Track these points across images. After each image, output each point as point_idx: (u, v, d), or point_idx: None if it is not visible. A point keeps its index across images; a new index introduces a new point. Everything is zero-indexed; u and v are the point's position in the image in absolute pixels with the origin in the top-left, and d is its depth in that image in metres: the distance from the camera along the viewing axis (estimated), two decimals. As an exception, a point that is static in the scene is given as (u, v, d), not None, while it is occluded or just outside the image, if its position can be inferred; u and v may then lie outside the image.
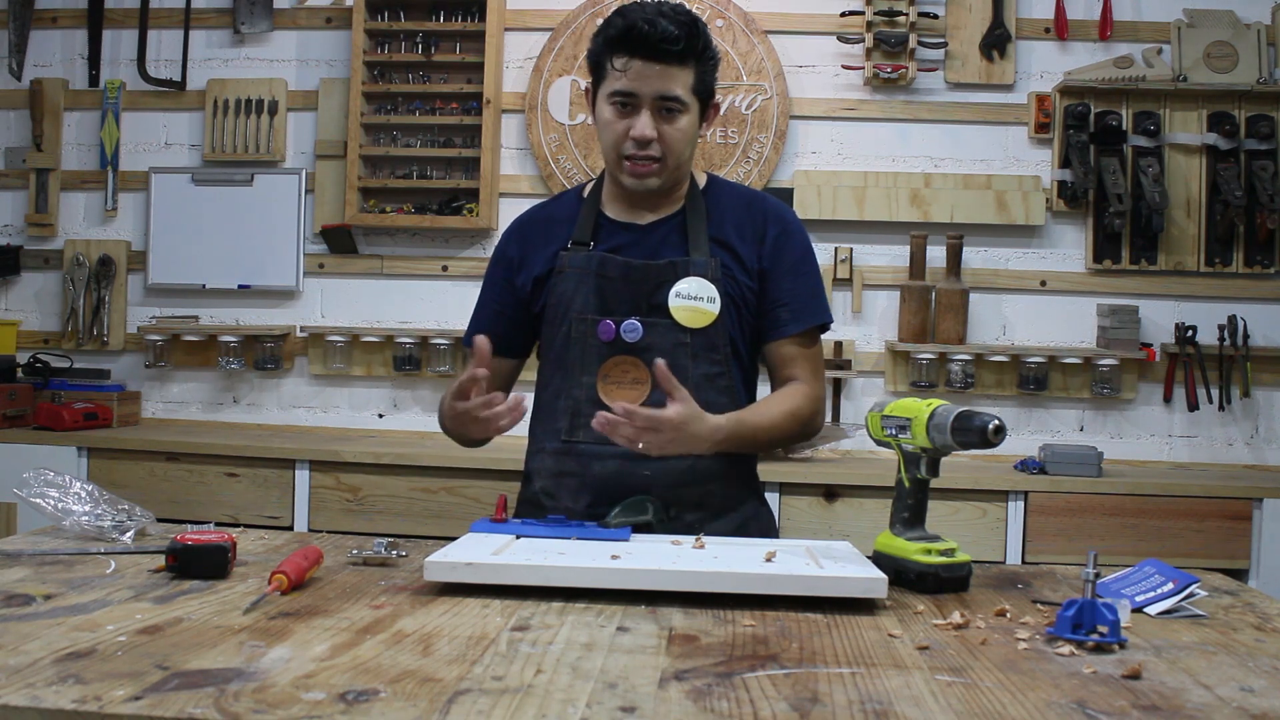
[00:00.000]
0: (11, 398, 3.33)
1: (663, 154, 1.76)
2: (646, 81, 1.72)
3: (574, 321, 1.80)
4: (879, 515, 2.57)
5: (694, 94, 1.75)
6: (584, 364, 1.80)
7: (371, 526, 3.01)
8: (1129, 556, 2.57)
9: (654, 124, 1.73)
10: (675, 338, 1.77)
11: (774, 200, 1.94)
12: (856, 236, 3.46)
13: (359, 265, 3.60)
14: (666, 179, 1.80)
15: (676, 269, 1.78)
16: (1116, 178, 3.30)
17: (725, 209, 1.86)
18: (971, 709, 0.96)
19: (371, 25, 3.49)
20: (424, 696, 0.95)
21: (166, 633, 1.12)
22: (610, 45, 1.73)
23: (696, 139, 1.82)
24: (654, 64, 1.71)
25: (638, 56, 1.71)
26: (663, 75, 1.71)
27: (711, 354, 1.80)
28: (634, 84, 1.72)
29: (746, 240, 1.84)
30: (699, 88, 1.76)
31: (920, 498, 1.51)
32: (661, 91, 1.72)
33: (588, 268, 1.81)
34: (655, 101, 1.73)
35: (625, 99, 1.74)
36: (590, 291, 1.80)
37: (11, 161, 3.71)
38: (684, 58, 1.72)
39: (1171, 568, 1.42)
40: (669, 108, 1.74)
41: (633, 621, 1.23)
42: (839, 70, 3.46)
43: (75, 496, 1.61)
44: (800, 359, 1.86)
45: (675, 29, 1.69)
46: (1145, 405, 3.42)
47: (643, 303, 1.79)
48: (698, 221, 1.83)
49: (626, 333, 1.78)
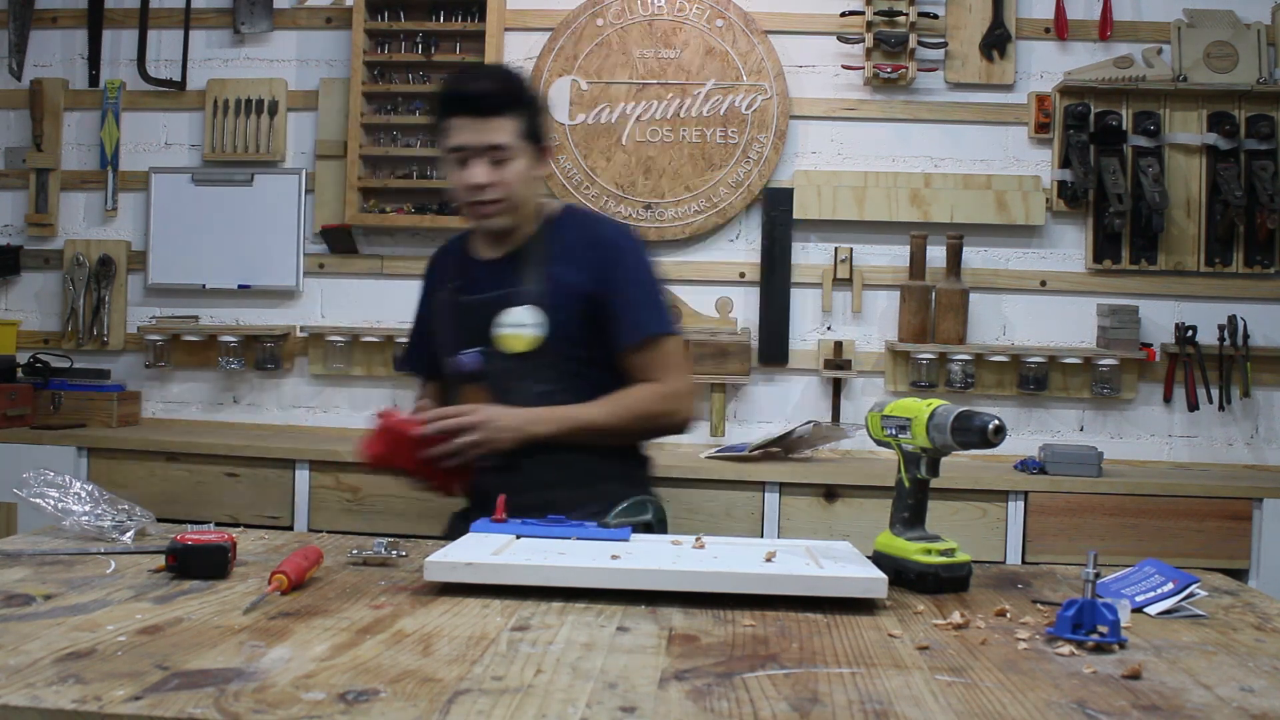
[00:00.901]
0: (11, 398, 3.33)
1: (499, 196, 1.97)
2: (472, 134, 1.94)
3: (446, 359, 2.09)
4: (879, 515, 2.56)
5: (524, 139, 1.97)
6: (456, 394, 2.08)
7: (371, 526, 3.01)
8: (1129, 556, 2.57)
9: (486, 172, 1.95)
10: (505, 363, 2.00)
11: (613, 226, 2.18)
12: (856, 236, 3.46)
13: (359, 265, 3.60)
14: (507, 218, 2.01)
15: (503, 300, 2.01)
16: (1116, 178, 3.30)
17: (567, 240, 2.05)
18: (971, 709, 0.96)
19: (371, 25, 3.49)
20: (424, 696, 0.95)
21: (166, 633, 1.12)
22: (442, 107, 1.98)
23: (534, 178, 2.04)
24: (476, 119, 1.94)
25: (462, 114, 1.94)
26: (485, 128, 1.94)
27: (545, 373, 2.00)
28: (462, 138, 1.95)
29: (581, 267, 2.02)
30: (528, 133, 1.98)
31: (920, 498, 1.51)
32: (485, 142, 1.94)
33: (445, 307, 2.11)
34: (484, 151, 1.95)
35: (459, 152, 1.96)
36: (446, 329, 2.11)
37: (11, 161, 3.70)
38: (502, 109, 1.94)
39: (1171, 568, 1.42)
40: (496, 157, 1.95)
41: (633, 621, 1.24)
42: (839, 70, 3.46)
43: (75, 496, 1.61)
44: (649, 365, 2.03)
45: (490, 84, 1.97)
46: (1145, 405, 3.42)
47: (480, 335, 2.02)
48: (535, 254, 2.03)
49: (466, 363, 2.03)
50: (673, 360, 2.06)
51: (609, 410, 1.99)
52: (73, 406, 3.43)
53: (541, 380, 2.00)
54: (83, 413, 3.42)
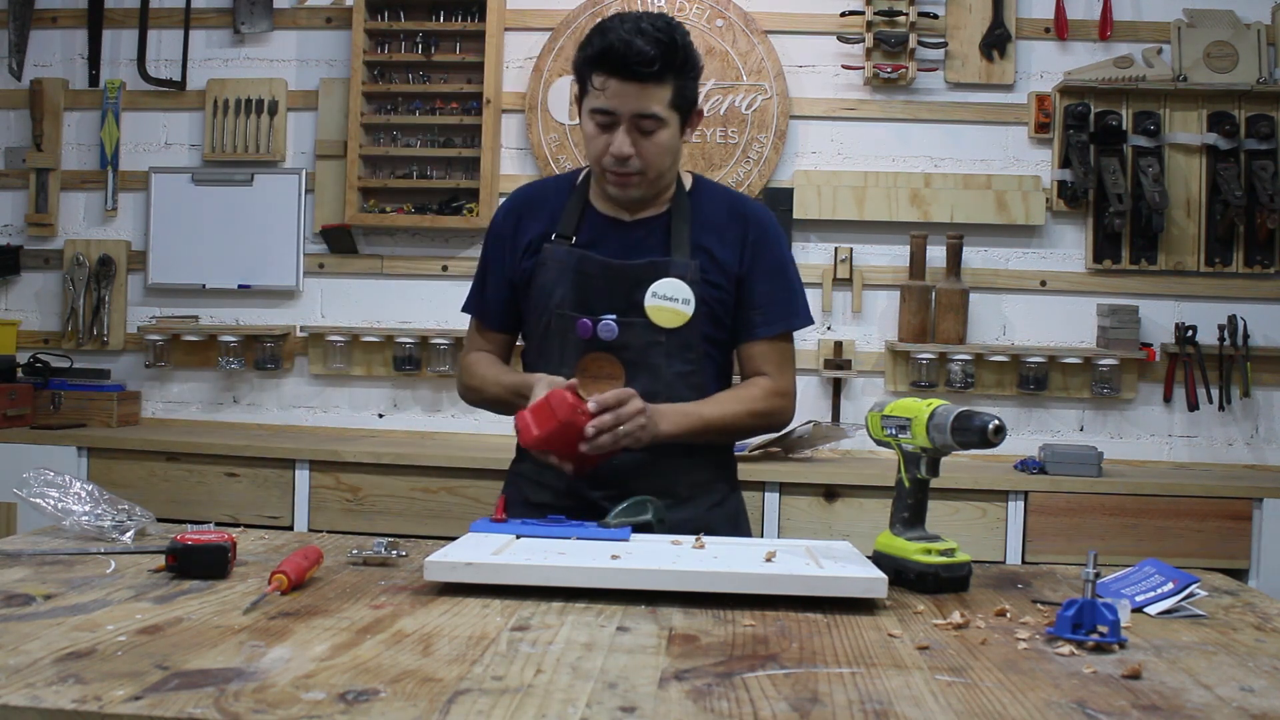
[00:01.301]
0: (11, 398, 3.33)
1: (642, 168, 1.80)
2: (623, 100, 1.75)
3: (554, 315, 1.86)
4: (879, 515, 2.57)
5: (673, 108, 1.79)
6: (562, 358, 1.85)
7: (371, 526, 3.01)
8: (1129, 556, 2.57)
9: (631, 141, 1.77)
10: (650, 336, 1.83)
11: (756, 204, 2.00)
12: (856, 236, 3.46)
13: (359, 265, 3.60)
14: (648, 189, 1.85)
15: (655, 269, 1.83)
16: (1116, 178, 3.30)
17: (709, 212, 1.90)
18: (971, 709, 0.96)
19: (371, 25, 3.49)
20: (424, 696, 0.95)
21: (166, 633, 1.12)
22: (589, 63, 1.77)
23: (679, 149, 1.86)
24: (630, 84, 1.74)
25: (614, 76, 1.74)
26: (639, 94, 1.75)
27: (685, 353, 1.85)
28: (611, 102, 1.76)
29: (727, 244, 1.88)
30: (678, 101, 1.79)
31: (920, 498, 1.51)
32: (638, 110, 1.76)
33: (568, 262, 1.86)
34: (632, 119, 1.77)
35: (604, 116, 1.78)
36: (569, 287, 1.85)
37: (11, 161, 3.71)
38: (661, 76, 1.74)
39: (1171, 568, 1.42)
40: (645, 126, 1.77)
41: (633, 621, 1.23)
42: (839, 70, 3.46)
43: (75, 496, 1.61)
44: (766, 357, 1.91)
45: (651, 49, 1.72)
46: (1145, 405, 3.42)
47: (620, 301, 1.83)
48: (681, 224, 1.87)
49: (602, 331, 1.83)
50: (789, 356, 1.95)
51: (730, 409, 1.86)
52: (73, 406, 3.43)
53: (683, 360, 1.85)
54: (83, 413, 3.42)
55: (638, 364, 1.84)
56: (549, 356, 1.87)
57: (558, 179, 2.04)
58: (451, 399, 3.53)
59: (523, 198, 1.98)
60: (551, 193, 1.97)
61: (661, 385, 1.83)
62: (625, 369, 1.84)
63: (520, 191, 2.01)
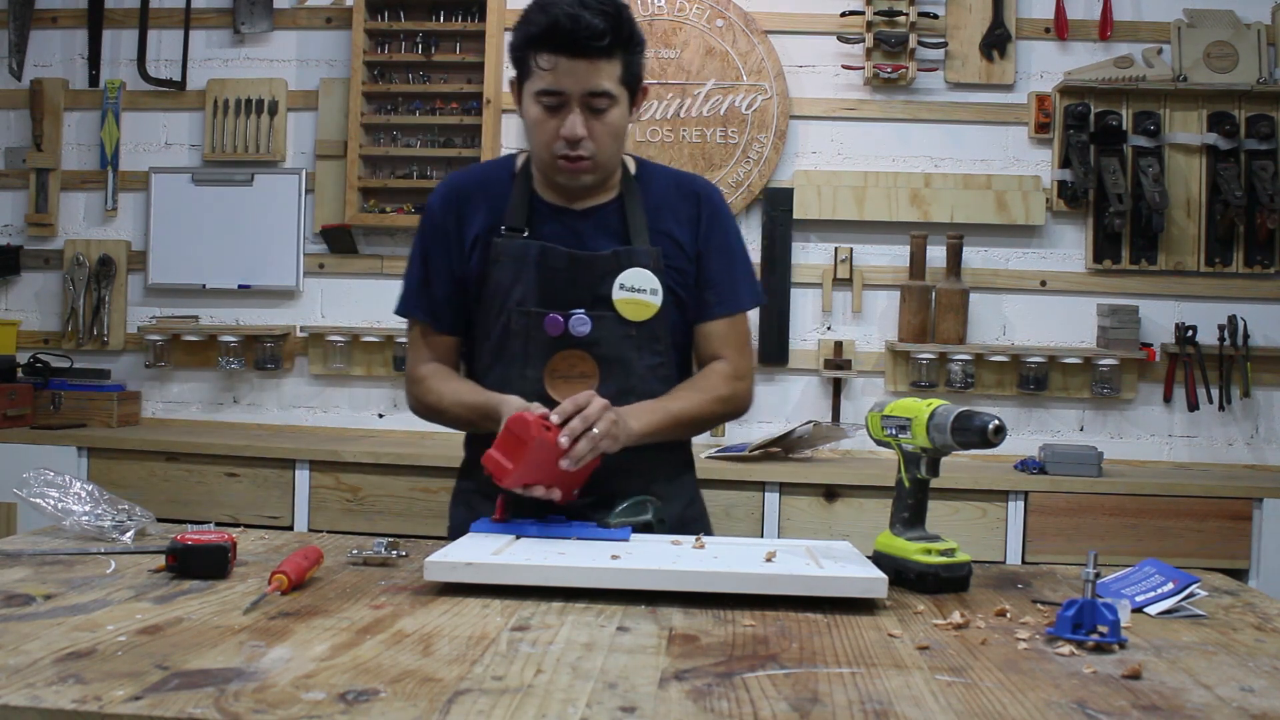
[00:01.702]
0: (11, 398, 3.33)
1: (594, 151, 1.71)
2: (573, 79, 1.65)
3: (513, 313, 1.76)
4: (879, 515, 2.57)
5: (623, 84, 1.70)
6: (527, 357, 1.76)
7: (371, 526, 3.01)
8: (1129, 556, 2.57)
9: (584, 122, 1.68)
10: (621, 330, 1.76)
11: (703, 181, 1.93)
12: (856, 236, 3.46)
13: (359, 265, 3.60)
14: (599, 175, 1.76)
15: (619, 259, 1.75)
16: (1116, 178, 3.30)
17: (659, 194, 1.83)
18: (971, 709, 0.96)
19: (371, 25, 3.49)
20: (424, 696, 0.95)
21: (166, 633, 1.12)
22: (532, 42, 1.66)
23: (627, 129, 1.77)
24: (579, 60, 1.64)
25: (562, 54, 1.64)
26: (589, 71, 1.65)
27: (654, 345, 1.79)
28: (561, 81, 1.66)
29: (682, 224, 1.82)
30: (627, 77, 1.70)
31: (920, 498, 1.51)
32: (589, 88, 1.66)
33: (527, 256, 1.75)
34: (583, 98, 1.67)
35: (552, 97, 1.67)
36: (531, 283, 1.75)
37: (11, 161, 3.71)
38: (610, 51, 1.65)
39: (1171, 568, 1.42)
40: (596, 105, 1.68)
41: (633, 621, 1.23)
42: (839, 70, 3.46)
43: (75, 496, 1.61)
44: (724, 339, 1.85)
45: (600, 22, 1.62)
46: (1145, 405, 3.42)
47: (585, 295, 1.75)
48: (635, 209, 1.80)
49: (575, 327, 1.74)
50: (746, 336, 1.88)
51: (695, 400, 1.78)
52: (73, 406, 3.43)
53: (653, 352, 1.79)
54: (83, 413, 3.42)
55: (611, 359, 1.76)
56: (509, 358, 1.77)
57: (491, 166, 1.91)
58: (451, 399, 3.53)
59: (458, 187, 1.85)
60: (489, 181, 1.85)
61: (635, 380, 1.77)
62: (599, 365, 1.76)
63: (453, 181, 1.88)
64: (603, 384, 1.75)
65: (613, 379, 1.76)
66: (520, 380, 1.76)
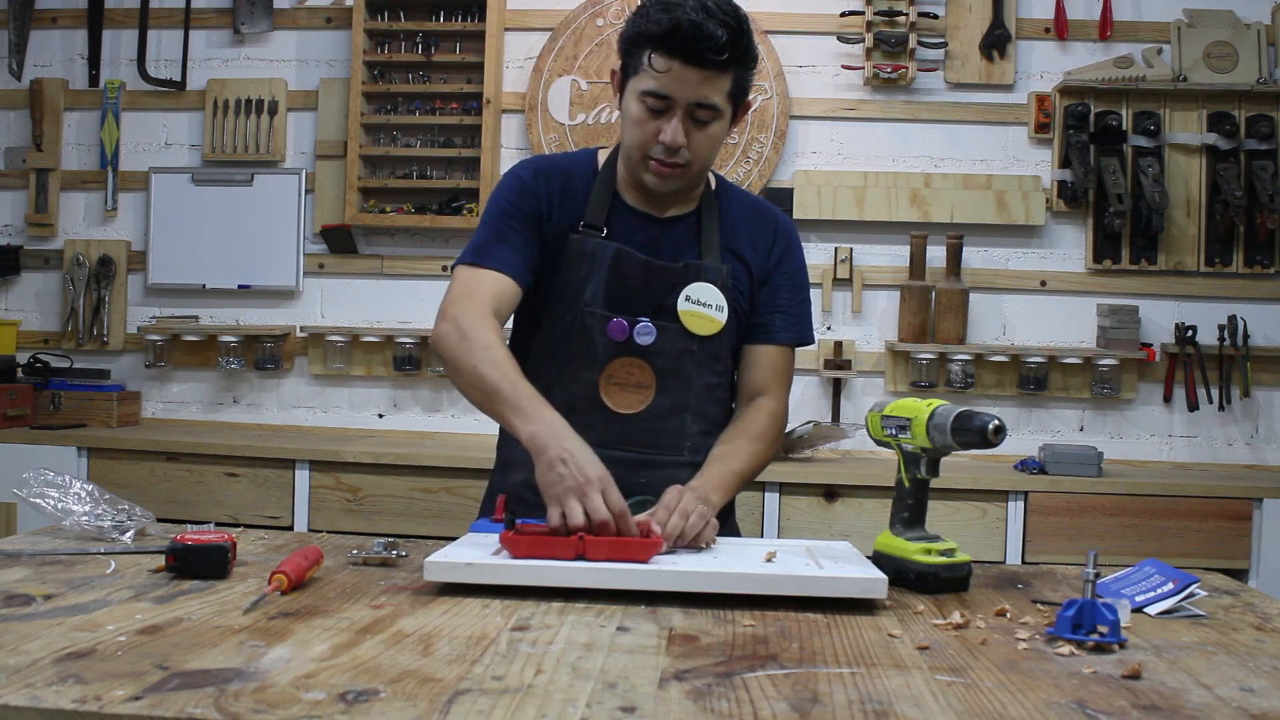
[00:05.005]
0: (11, 398, 3.33)
1: (689, 160, 1.66)
2: (684, 87, 1.59)
3: (580, 313, 1.71)
4: (879, 515, 2.57)
5: (730, 99, 1.64)
6: (586, 360, 1.72)
7: (371, 526, 3.01)
8: (1129, 556, 2.57)
9: (685, 132, 1.63)
10: (683, 344, 1.72)
11: (780, 213, 1.89)
12: (856, 236, 3.46)
13: (359, 265, 3.60)
14: (689, 184, 1.73)
15: (689, 272, 1.72)
16: (1116, 178, 3.30)
17: (736, 215, 1.80)
18: (971, 709, 0.96)
19: (371, 25, 3.49)
20: (424, 696, 0.95)
21: (166, 633, 1.12)
22: (650, 40, 1.59)
23: (723, 142, 1.72)
24: (694, 69, 1.58)
25: (678, 59, 1.57)
26: (702, 82, 1.59)
27: (715, 364, 1.76)
28: (671, 87, 1.60)
29: (756, 249, 1.80)
30: (735, 92, 1.65)
31: (920, 498, 1.51)
32: (699, 99, 1.61)
33: (601, 257, 1.71)
34: (689, 107, 1.61)
35: (659, 100, 1.61)
36: (600, 284, 1.70)
37: (11, 161, 3.70)
38: (726, 65, 1.59)
39: (1171, 568, 1.42)
40: (702, 116, 1.63)
41: (633, 621, 1.23)
42: (839, 70, 3.46)
43: (75, 496, 1.61)
44: (776, 367, 1.81)
45: (723, 34, 1.56)
46: (1145, 405, 3.42)
47: (652, 304, 1.72)
48: (712, 224, 1.76)
49: (639, 334, 1.70)
50: (792, 371, 1.84)
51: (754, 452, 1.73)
52: (73, 406, 3.43)
53: (713, 371, 1.75)
54: (83, 413, 3.42)
55: (670, 372, 1.72)
56: (566, 358, 1.73)
57: (572, 158, 1.83)
58: (452, 398, 3.53)
59: (549, 168, 1.77)
60: (574, 172, 1.78)
61: (691, 397, 1.73)
62: (657, 377, 1.72)
63: (544, 161, 1.81)
64: (658, 396, 1.73)
65: (669, 392, 1.73)
66: (573, 382, 1.73)
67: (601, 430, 1.70)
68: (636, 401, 1.73)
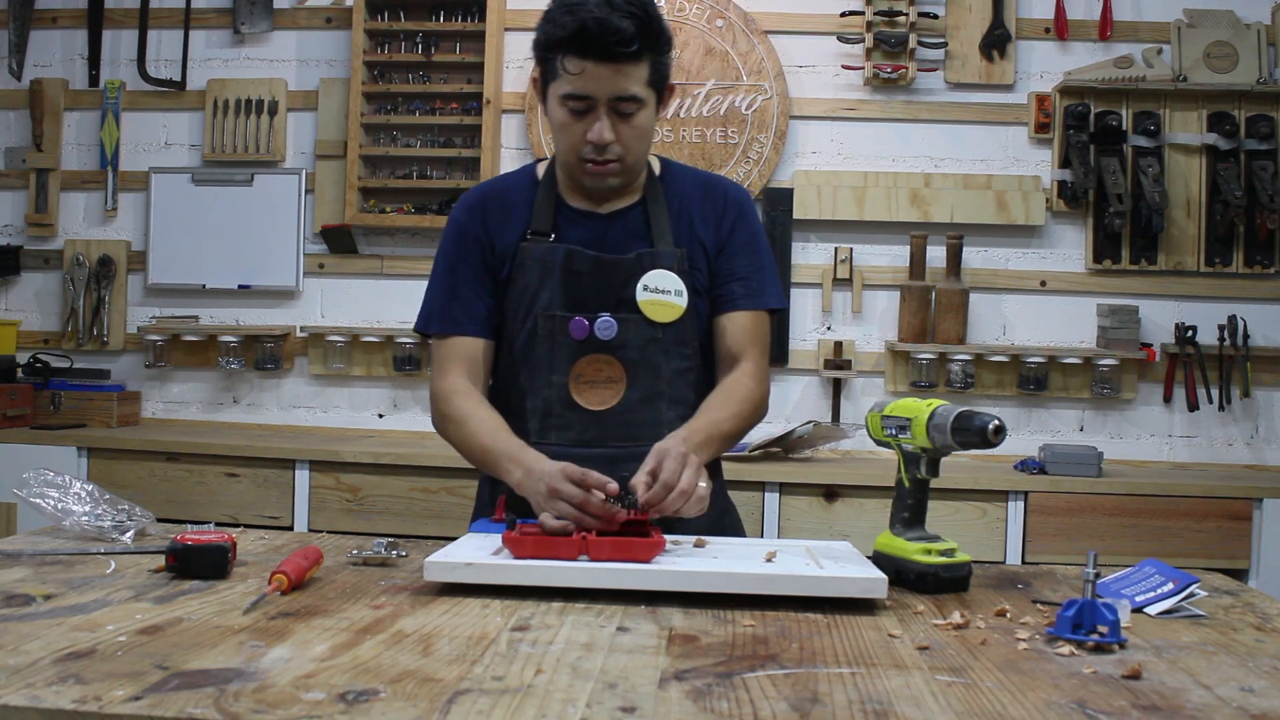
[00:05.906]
0: (11, 398, 3.33)
1: (621, 154, 1.69)
2: (601, 84, 1.63)
3: (539, 318, 1.74)
4: (879, 515, 2.57)
5: (650, 86, 1.67)
6: (553, 363, 1.74)
7: (371, 526, 3.01)
8: (1129, 556, 2.58)
9: (611, 127, 1.66)
10: (648, 333, 1.74)
11: (730, 182, 1.90)
12: (856, 236, 3.46)
13: (359, 265, 3.60)
14: (626, 178, 1.75)
15: (643, 262, 1.74)
16: (1116, 178, 3.30)
17: (684, 195, 1.82)
18: (971, 709, 0.96)
19: (371, 25, 3.49)
20: (424, 696, 0.95)
21: (166, 633, 1.12)
22: (559, 45, 1.62)
23: (653, 130, 1.75)
24: (606, 65, 1.61)
25: (590, 58, 1.60)
26: (617, 75, 1.62)
27: (682, 348, 1.77)
28: (588, 86, 1.63)
29: (709, 224, 1.80)
30: (655, 79, 1.67)
31: (920, 498, 1.51)
32: (617, 93, 1.64)
33: (552, 260, 1.74)
34: (610, 102, 1.65)
35: (580, 101, 1.65)
36: (556, 286, 1.73)
37: (11, 161, 3.71)
38: (639, 55, 1.62)
39: (1171, 568, 1.42)
40: (624, 109, 1.66)
41: (633, 621, 1.23)
42: (839, 70, 3.46)
43: (75, 496, 1.61)
44: (748, 333, 1.80)
45: (629, 26, 1.58)
46: (1145, 405, 3.42)
47: (610, 298, 1.74)
48: (659, 211, 1.78)
49: (601, 330, 1.73)
50: (767, 337, 1.84)
51: (736, 411, 1.73)
52: (73, 406, 3.43)
53: (681, 356, 1.77)
54: (83, 413, 3.42)
55: (638, 363, 1.74)
56: (536, 365, 1.75)
57: (510, 176, 1.89)
58: (451, 399, 3.53)
59: (483, 197, 1.83)
60: (511, 191, 1.83)
61: (664, 385, 1.75)
62: (626, 370, 1.74)
63: (479, 192, 1.85)
64: (630, 388, 1.74)
65: (640, 383, 1.74)
66: (545, 385, 1.75)
67: (579, 430, 1.74)
68: (609, 397, 1.75)
